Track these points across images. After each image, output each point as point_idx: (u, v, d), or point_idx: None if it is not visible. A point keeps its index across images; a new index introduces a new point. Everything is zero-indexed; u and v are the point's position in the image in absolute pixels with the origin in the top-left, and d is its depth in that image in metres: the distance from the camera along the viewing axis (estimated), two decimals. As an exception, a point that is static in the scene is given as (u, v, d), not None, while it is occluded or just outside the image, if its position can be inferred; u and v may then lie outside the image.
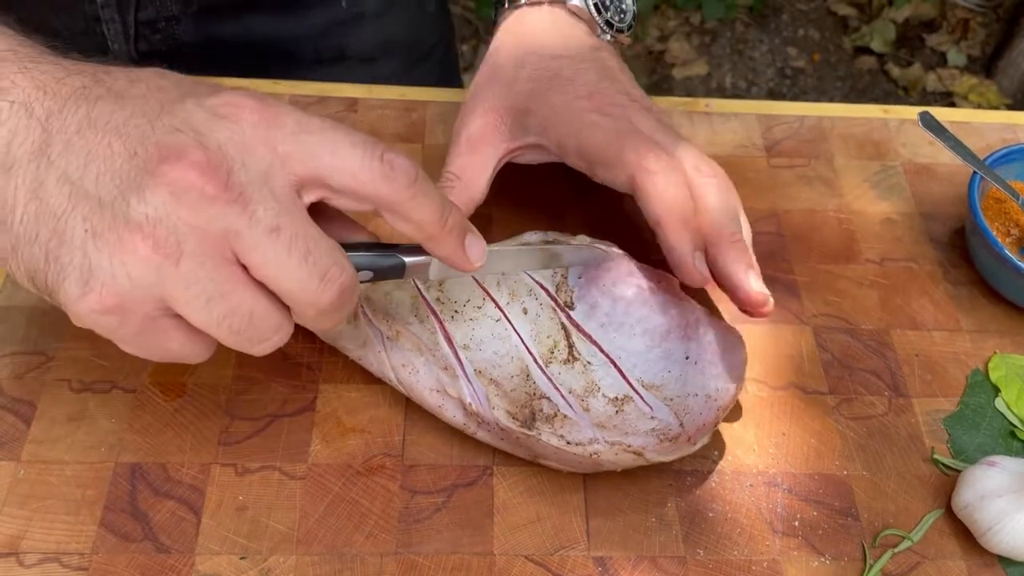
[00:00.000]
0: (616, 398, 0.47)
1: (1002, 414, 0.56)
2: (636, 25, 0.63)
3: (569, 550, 0.49)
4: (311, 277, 0.38)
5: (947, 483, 0.53)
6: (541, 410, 0.47)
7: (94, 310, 0.37)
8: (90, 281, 0.37)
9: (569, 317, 0.49)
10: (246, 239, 0.37)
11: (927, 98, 2.16)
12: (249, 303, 0.38)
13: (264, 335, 0.39)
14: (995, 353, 0.59)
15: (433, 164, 0.66)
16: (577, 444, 0.47)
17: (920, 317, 0.61)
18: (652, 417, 0.47)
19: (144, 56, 0.74)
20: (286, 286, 0.38)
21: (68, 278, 0.37)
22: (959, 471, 0.53)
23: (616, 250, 0.53)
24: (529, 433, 0.47)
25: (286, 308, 0.40)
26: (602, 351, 0.48)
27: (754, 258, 0.52)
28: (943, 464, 0.54)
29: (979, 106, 2.11)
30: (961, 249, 0.65)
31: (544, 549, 0.49)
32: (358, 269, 0.41)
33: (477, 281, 0.51)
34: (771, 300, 0.51)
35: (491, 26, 0.62)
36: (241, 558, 0.48)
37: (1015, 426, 0.56)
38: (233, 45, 0.76)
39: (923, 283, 0.63)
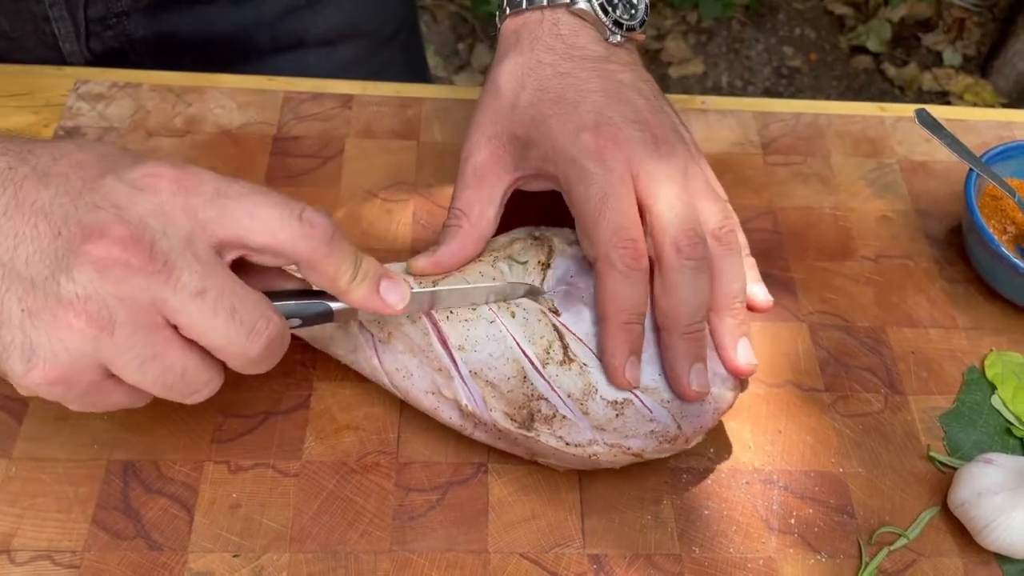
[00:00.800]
0: (616, 401, 0.47)
1: (998, 411, 0.56)
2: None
3: (564, 548, 0.49)
4: (239, 333, 0.40)
5: (943, 480, 0.53)
6: (539, 411, 0.47)
7: (39, 383, 0.39)
8: (32, 358, 0.39)
9: (559, 320, 0.48)
10: (172, 304, 0.39)
11: (923, 98, 2.16)
12: (181, 361, 0.40)
13: (195, 388, 0.42)
14: (991, 350, 0.59)
15: (429, 162, 0.66)
16: (576, 445, 0.47)
17: (916, 314, 0.61)
18: (651, 419, 0.47)
19: (97, 55, 0.72)
20: (215, 343, 0.40)
21: (11, 356, 0.39)
22: (955, 468, 0.53)
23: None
24: (528, 434, 0.47)
25: (216, 361, 0.42)
26: (596, 355, 0.48)
27: (748, 326, 0.50)
28: (939, 461, 0.54)
29: (975, 105, 2.11)
30: (957, 246, 0.65)
31: (539, 547, 0.49)
32: (287, 317, 0.43)
33: None
34: (755, 365, 0.49)
35: (488, 25, 0.61)
36: (234, 556, 0.47)
37: (1011, 423, 0.56)
38: (187, 38, 0.74)
39: (919, 280, 0.63)
